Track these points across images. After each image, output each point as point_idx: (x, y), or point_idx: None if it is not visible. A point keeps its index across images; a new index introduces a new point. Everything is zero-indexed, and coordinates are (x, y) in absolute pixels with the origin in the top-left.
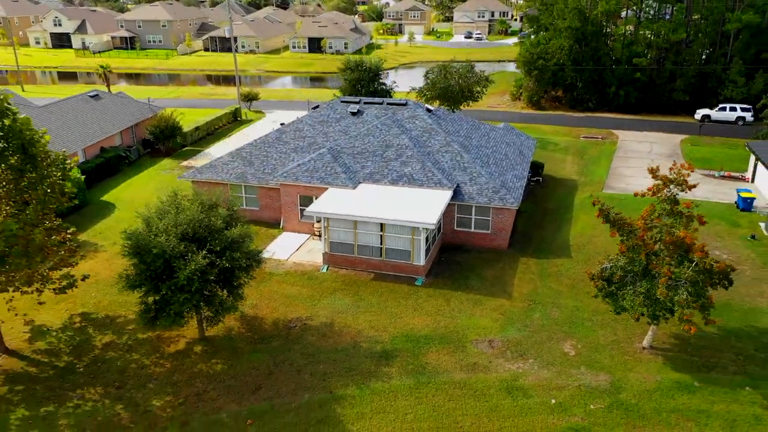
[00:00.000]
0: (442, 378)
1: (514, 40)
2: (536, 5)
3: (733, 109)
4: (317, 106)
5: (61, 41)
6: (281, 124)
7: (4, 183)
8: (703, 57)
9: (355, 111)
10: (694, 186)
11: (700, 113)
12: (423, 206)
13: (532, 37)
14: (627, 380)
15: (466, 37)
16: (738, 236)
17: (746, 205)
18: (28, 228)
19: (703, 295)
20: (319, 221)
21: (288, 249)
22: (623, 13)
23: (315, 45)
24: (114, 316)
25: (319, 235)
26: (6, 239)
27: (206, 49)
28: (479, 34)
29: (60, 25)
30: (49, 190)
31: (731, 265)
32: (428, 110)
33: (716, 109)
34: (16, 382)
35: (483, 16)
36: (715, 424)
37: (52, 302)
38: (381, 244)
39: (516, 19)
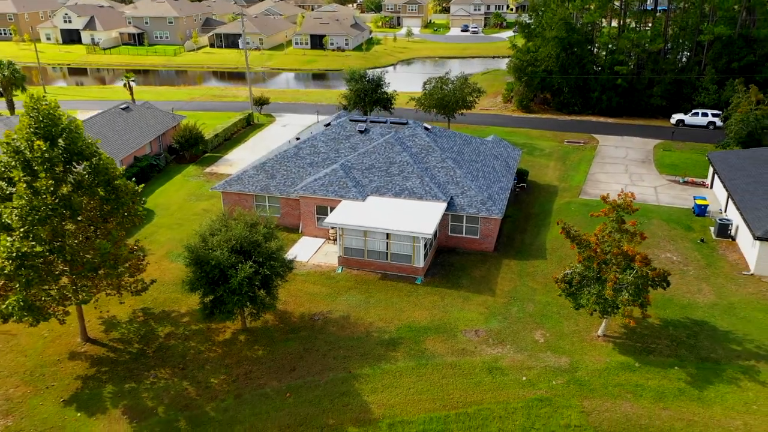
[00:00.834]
0: (437, 360)
1: (509, 33)
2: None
3: (704, 115)
4: (329, 124)
5: (71, 37)
6: (297, 138)
7: (91, 210)
8: (683, 61)
9: (363, 129)
10: (637, 209)
11: (675, 118)
12: (422, 217)
13: (524, 41)
14: (583, 362)
15: (462, 31)
16: (690, 239)
17: (701, 210)
18: (115, 246)
19: (641, 295)
20: (334, 228)
21: (308, 252)
22: (607, 20)
23: (317, 41)
24: (169, 311)
25: (334, 240)
26: (101, 255)
27: (212, 45)
28: (475, 27)
29: (70, 21)
30: (126, 214)
31: (667, 270)
32: (426, 128)
33: (690, 114)
34: (101, 364)
35: (479, 9)
36: (648, 395)
37: (117, 300)
38: (387, 249)
39: (512, 10)
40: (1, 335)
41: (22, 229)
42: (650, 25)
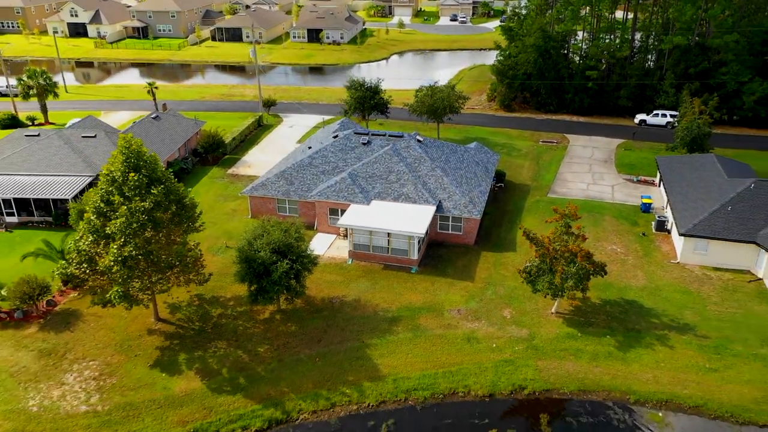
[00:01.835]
0: (429, 333)
1: (495, 23)
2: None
3: (664, 115)
4: (336, 135)
5: (77, 30)
6: (309, 147)
7: (165, 221)
8: (649, 65)
9: (366, 142)
10: (580, 217)
11: (638, 118)
12: (415, 219)
13: (507, 42)
14: (539, 333)
15: (451, 20)
16: (634, 233)
17: (646, 208)
18: (185, 248)
19: (582, 283)
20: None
21: (323, 246)
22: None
23: (313, 35)
24: (218, 296)
25: (345, 236)
26: (177, 256)
27: (213, 39)
28: (464, 17)
29: (76, 15)
30: (190, 223)
31: (604, 263)
32: (418, 141)
33: (651, 115)
34: (173, 338)
35: None
36: (585, 357)
37: (183, 288)
38: (388, 245)
39: None
40: (90, 317)
41: (121, 239)
42: (619, 30)
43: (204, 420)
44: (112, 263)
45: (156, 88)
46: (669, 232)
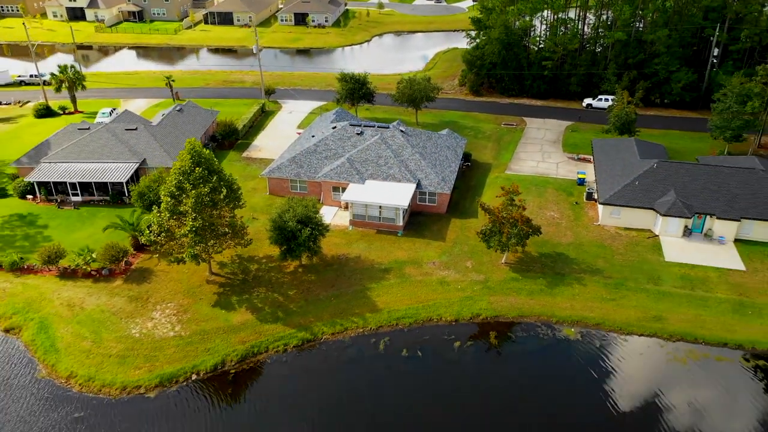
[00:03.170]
0: (412, 279)
1: (469, 2)
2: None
3: (606, 100)
4: (335, 126)
5: (75, 14)
6: (312, 136)
7: (218, 201)
8: (596, 53)
9: (359, 132)
10: (520, 193)
11: (585, 102)
12: (400, 194)
13: (477, 32)
14: (492, 277)
15: (428, 0)
16: (568, 202)
17: (581, 181)
18: (235, 219)
19: (521, 242)
20: (346, 202)
21: (328, 216)
22: (537, 25)
23: (300, 18)
24: (253, 256)
25: (345, 208)
26: (230, 226)
27: (205, 22)
28: None
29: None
30: (236, 202)
31: (539, 225)
32: (401, 131)
33: (596, 99)
34: (225, 286)
35: None
36: (524, 293)
37: (230, 250)
38: (380, 214)
39: None
40: (160, 273)
41: (192, 215)
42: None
43: (256, 340)
44: (187, 232)
45: (173, 80)
46: (596, 201)
